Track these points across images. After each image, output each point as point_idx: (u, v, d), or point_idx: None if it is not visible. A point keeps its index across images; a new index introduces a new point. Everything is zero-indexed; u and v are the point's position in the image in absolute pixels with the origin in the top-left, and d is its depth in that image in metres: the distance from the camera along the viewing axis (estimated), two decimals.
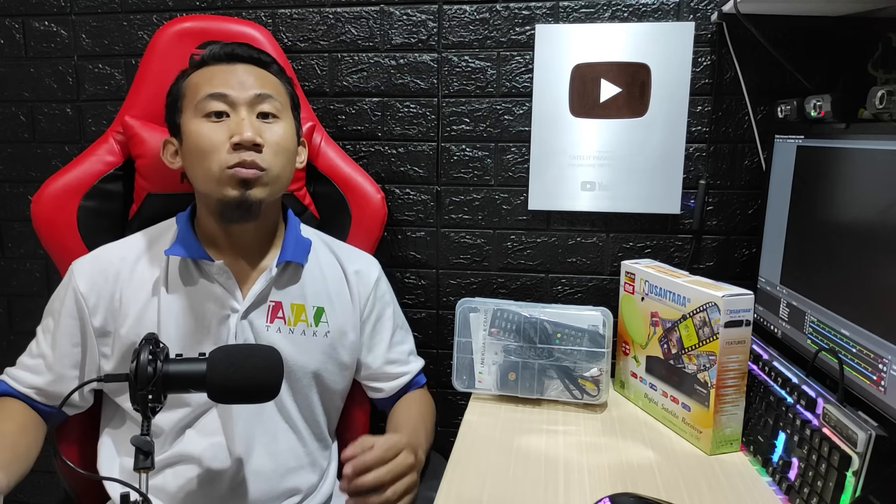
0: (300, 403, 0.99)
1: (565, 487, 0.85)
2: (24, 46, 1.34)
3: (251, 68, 0.95)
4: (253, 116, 0.92)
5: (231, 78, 0.92)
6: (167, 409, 0.91)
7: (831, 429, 0.76)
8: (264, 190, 0.91)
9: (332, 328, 1.01)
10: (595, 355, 1.06)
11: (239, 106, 0.91)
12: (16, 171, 1.39)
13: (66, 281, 0.96)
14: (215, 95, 0.90)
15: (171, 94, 0.97)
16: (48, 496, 1.52)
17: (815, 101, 0.94)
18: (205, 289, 0.94)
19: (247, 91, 0.92)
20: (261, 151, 0.90)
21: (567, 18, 1.20)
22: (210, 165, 0.89)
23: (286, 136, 0.94)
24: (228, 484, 0.92)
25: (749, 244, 1.22)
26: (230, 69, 0.93)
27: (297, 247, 1.00)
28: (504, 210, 1.27)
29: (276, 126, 0.93)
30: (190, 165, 0.93)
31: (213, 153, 0.89)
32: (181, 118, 0.94)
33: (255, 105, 0.92)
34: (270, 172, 0.91)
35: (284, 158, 0.94)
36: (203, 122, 0.90)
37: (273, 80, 0.97)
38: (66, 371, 0.94)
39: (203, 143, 0.89)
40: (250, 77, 0.93)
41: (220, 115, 0.90)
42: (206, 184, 0.91)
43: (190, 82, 0.94)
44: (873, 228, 0.80)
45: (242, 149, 0.88)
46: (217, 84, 0.91)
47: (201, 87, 0.92)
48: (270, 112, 0.93)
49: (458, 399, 1.33)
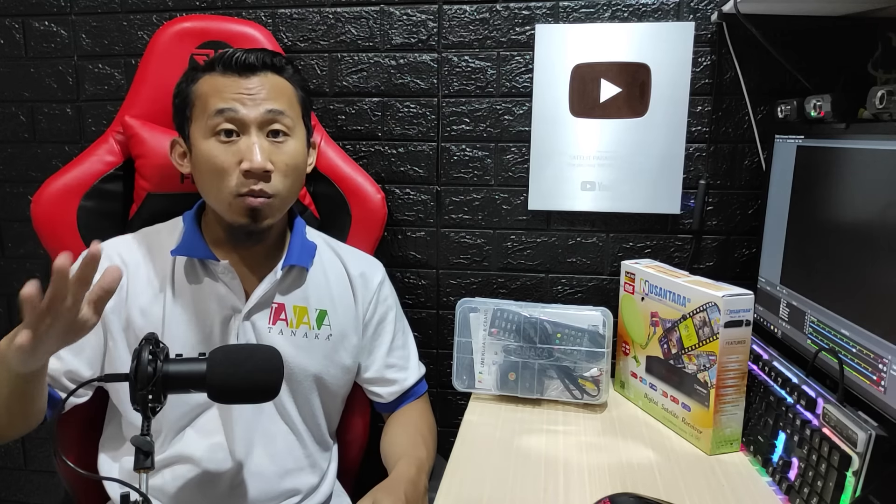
0: (300, 405, 0.99)
1: (565, 487, 0.85)
2: (24, 46, 1.34)
3: (264, 78, 0.92)
4: (263, 138, 0.90)
5: (242, 91, 0.90)
6: (165, 407, 0.91)
7: (831, 429, 0.76)
8: (272, 216, 0.92)
9: (334, 331, 1.01)
10: (595, 355, 1.06)
11: (249, 126, 0.89)
12: (16, 171, 1.39)
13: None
14: (225, 112, 0.89)
15: (178, 95, 0.95)
16: (48, 496, 1.52)
17: (815, 101, 0.94)
18: (209, 288, 0.94)
19: (258, 107, 0.89)
20: (270, 179, 0.89)
21: (567, 18, 1.20)
22: (220, 188, 0.89)
23: (296, 156, 0.93)
24: (228, 484, 0.92)
25: (749, 244, 1.22)
26: (241, 81, 0.90)
27: (303, 250, 1.00)
28: (504, 210, 1.27)
29: (286, 146, 0.92)
30: (200, 182, 0.93)
31: (223, 177, 0.89)
32: (190, 128, 0.93)
33: (266, 125, 0.90)
34: (278, 197, 0.91)
35: (294, 178, 0.93)
36: (213, 144, 0.89)
37: (287, 88, 0.94)
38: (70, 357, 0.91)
39: (214, 165, 0.89)
40: (263, 89, 0.91)
41: (229, 134, 0.89)
42: (217, 204, 0.92)
43: (199, 90, 0.92)
44: (873, 228, 0.80)
45: (252, 175, 0.88)
46: (227, 98, 0.89)
47: (211, 101, 0.90)
48: (281, 130, 0.91)
49: (458, 399, 1.33)
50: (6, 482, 1.53)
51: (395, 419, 1.07)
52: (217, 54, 0.93)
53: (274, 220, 0.93)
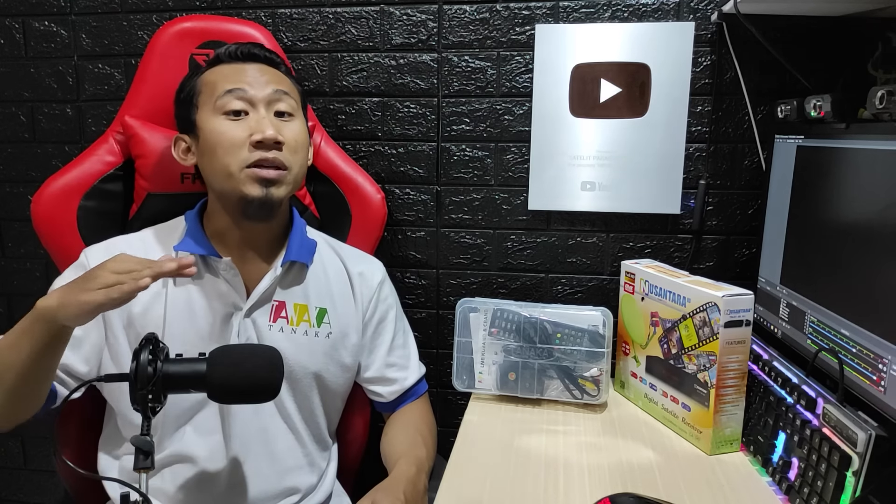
0: (300, 404, 0.99)
1: (565, 487, 0.85)
2: (24, 46, 1.34)
3: (265, 67, 0.97)
4: (271, 114, 0.93)
5: (248, 75, 0.94)
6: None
7: (831, 429, 0.76)
8: (286, 188, 0.94)
9: (334, 329, 1.01)
10: (595, 355, 1.06)
11: (258, 103, 0.92)
12: (16, 171, 1.39)
13: (79, 266, 0.95)
14: (234, 91, 0.92)
15: (183, 89, 0.98)
16: (48, 496, 1.52)
17: (815, 101, 0.94)
18: (211, 284, 0.95)
19: (264, 88, 0.94)
20: (281, 150, 0.91)
21: (567, 18, 1.20)
22: (230, 163, 0.90)
23: (302, 134, 0.96)
24: (226, 483, 0.92)
25: (749, 244, 1.22)
26: (245, 67, 0.95)
27: (303, 247, 1.00)
28: (504, 210, 1.27)
29: (292, 124, 0.95)
30: (208, 163, 0.93)
31: (233, 151, 0.90)
32: (197, 115, 0.94)
33: (273, 103, 0.94)
34: (290, 172, 0.93)
35: (302, 156, 0.96)
36: (222, 120, 0.91)
37: (286, 79, 0.99)
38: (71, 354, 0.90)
39: (223, 140, 0.90)
40: (265, 75, 0.95)
41: (238, 114, 0.92)
42: (226, 181, 0.91)
43: (205, 79, 0.95)
44: (873, 228, 0.80)
45: (263, 147, 0.90)
46: (235, 80, 0.93)
47: (219, 84, 0.93)
48: (286, 111, 0.95)
49: (458, 399, 1.33)
50: (6, 482, 1.53)
51: (396, 419, 1.07)
52: (219, 49, 0.97)
53: (286, 192, 0.94)
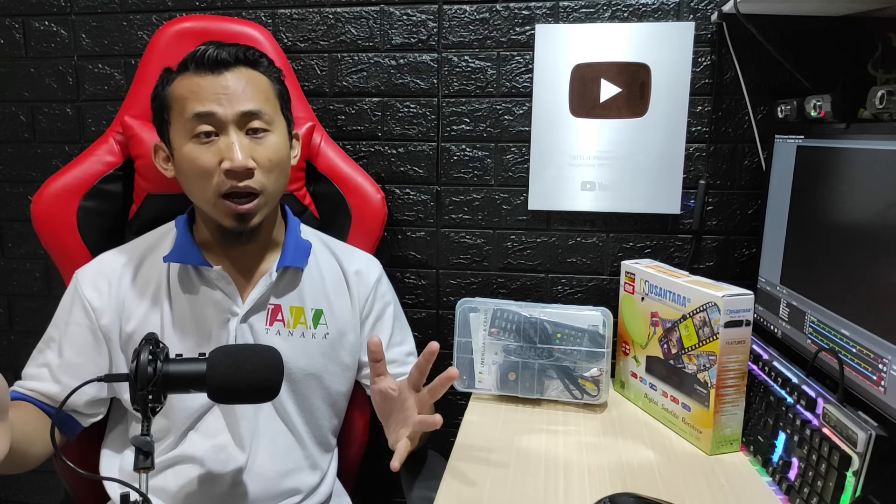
0: (300, 405, 0.99)
1: (565, 487, 0.85)
2: (24, 46, 1.34)
3: (239, 72, 0.90)
4: (242, 135, 0.89)
5: (218, 91, 0.88)
6: (170, 412, 0.92)
7: (831, 429, 0.76)
8: (262, 214, 0.92)
9: (331, 330, 1.01)
10: (595, 355, 1.06)
11: (227, 125, 0.88)
12: (16, 171, 1.39)
13: (72, 290, 0.95)
14: (202, 115, 0.87)
15: (155, 98, 0.94)
16: (48, 496, 1.52)
17: (815, 101, 0.94)
18: (206, 295, 0.94)
19: (234, 107, 0.88)
20: (253, 175, 0.88)
21: (567, 18, 1.20)
22: (204, 189, 0.89)
23: (278, 150, 0.92)
24: (228, 484, 0.92)
25: (749, 244, 1.22)
26: (216, 80, 0.88)
27: (297, 250, 1.00)
28: (504, 210, 1.27)
29: (266, 141, 0.91)
30: (184, 183, 0.92)
31: (205, 177, 0.88)
32: (170, 131, 0.92)
33: (244, 123, 0.89)
34: (265, 194, 0.90)
35: (278, 173, 0.92)
36: (193, 146, 0.88)
37: (263, 82, 0.93)
38: (72, 382, 0.91)
39: (195, 168, 0.88)
40: (238, 84, 0.89)
41: (208, 135, 0.88)
42: (203, 205, 0.91)
43: (175, 93, 0.90)
44: (873, 228, 0.80)
45: (235, 176, 0.87)
46: (203, 99, 0.87)
47: (188, 103, 0.88)
48: (260, 128, 0.90)
49: (458, 399, 1.33)
50: (6, 482, 1.53)
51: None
52: (189, 53, 0.90)
53: (262, 217, 0.92)
